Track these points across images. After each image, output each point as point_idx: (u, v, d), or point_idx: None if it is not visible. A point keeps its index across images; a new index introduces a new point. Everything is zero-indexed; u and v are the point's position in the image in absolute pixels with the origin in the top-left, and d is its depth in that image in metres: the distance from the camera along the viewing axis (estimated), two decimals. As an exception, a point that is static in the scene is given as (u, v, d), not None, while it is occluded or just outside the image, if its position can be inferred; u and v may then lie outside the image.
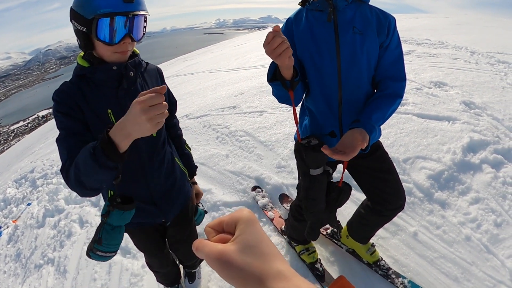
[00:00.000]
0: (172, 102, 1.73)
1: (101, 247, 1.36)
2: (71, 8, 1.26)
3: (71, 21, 1.27)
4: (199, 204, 2.03)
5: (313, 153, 1.52)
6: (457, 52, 7.14)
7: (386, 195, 1.82)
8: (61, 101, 1.29)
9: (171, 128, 1.79)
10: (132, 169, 1.47)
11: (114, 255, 1.43)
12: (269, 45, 1.20)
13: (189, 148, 1.93)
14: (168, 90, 1.65)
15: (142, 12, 1.27)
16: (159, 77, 1.60)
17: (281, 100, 1.59)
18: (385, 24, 1.49)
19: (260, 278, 0.43)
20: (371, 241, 2.28)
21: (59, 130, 1.29)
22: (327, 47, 1.50)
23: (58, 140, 1.26)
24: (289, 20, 1.62)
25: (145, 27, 1.35)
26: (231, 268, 0.44)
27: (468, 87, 4.81)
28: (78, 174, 1.12)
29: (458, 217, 2.57)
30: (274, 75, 1.46)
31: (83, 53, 1.34)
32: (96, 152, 1.03)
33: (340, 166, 1.91)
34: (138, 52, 1.49)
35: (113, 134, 1.03)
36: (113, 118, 1.35)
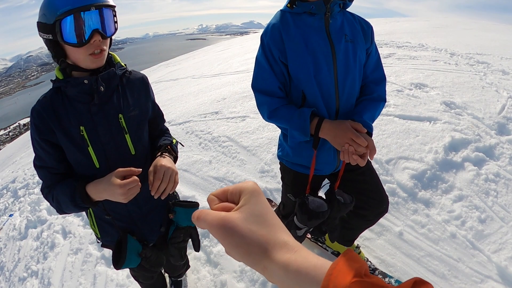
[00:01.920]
0: (159, 115, 1.62)
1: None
2: (37, 22, 1.19)
3: (39, 34, 1.20)
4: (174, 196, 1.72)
5: (305, 215, 1.58)
6: (437, 54, 7.26)
7: (368, 200, 1.82)
8: (35, 125, 1.28)
9: (157, 138, 1.60)
10: None
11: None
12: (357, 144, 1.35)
13: (174, 140, 1.63)
14: (154, 102, 1.56)
15: (106, 3, 1.17)
16: (143, 87, 1.47)
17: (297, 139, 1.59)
18: (368, 31, 1.52)
19: (265, 247, 0.42)
20: (356, 243, 2.29)
21: (34, 153, 1.35)
22: (324, 57, 1.43)
23: (35, 166, 1.37)
24: (275, 26, 1.46)
25: (116, 22, 1.26)
26: (235, 235, 0.43)
27: (448, 88, 4.90)
28: (59, 207, 1.33)
29: (443, 215, 2.61)
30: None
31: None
32: (75, 199, 1.25)
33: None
34: (118, 60, 1.39)
35: (90, 191, 1.26)
36: (86, 135, 1.29)
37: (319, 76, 1.45)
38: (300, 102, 1.52)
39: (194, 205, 1.58)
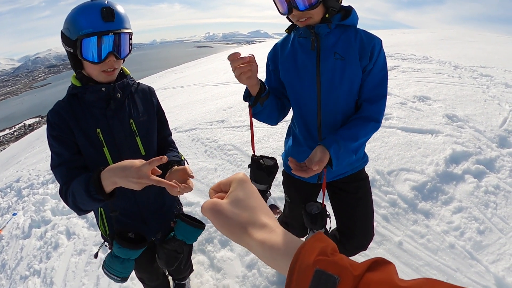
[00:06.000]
0: (161, 121, 1.68)
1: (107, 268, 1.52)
2: (61, 31, 1.33)
3: (62, 43, 1.34)
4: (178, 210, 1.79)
5: (257, 170, 1.63)
6: (441, 67, 7.30)
7: (354, 228, 1.84)
8: (54, 123, 1.36)
9: (162, 147, 1.69)
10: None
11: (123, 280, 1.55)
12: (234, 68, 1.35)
13: (182, 156, 1.69)
14: (159, 109, 1.66)
15: (124, 30, 1.32)
16: (149, 95, 1.61)
17: (259, 119, 1.66)
18: (368, 48, 1.47)
19: (245, 227, 0.50)
20: None
21: (51, 154, 1.38)
22: (308, 74, 1.53)
23: (52, 168, 1.39)
24: (276, 46, 1.68)
25: (131, 44, 1.40)
26: (220, 217, 0.52)
27: (451, 101, 4.94)
28: (75, 201, 1.29)
29: (442, 226, 2.65)
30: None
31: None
32: (90, 189, 1.19)
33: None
34: (129, 72, 1.55)
35: (103, 177, 1.17)
36: (102, 137, 1.41)
37: (301, 90, 1.57)
38: (283, 109, 1.69)
39: (196, 226, 1.62)
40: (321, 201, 1.69)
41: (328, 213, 1.66)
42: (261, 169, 1.61)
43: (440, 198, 2.93)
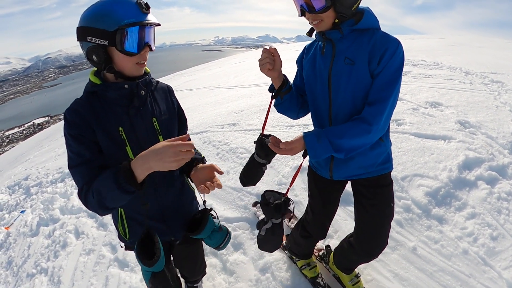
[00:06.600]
0: (181, 120, 1.70)
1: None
2: (82, 27, 1.25)
3: (85, 39, 1.26)
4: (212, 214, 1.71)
5: (260, 147, 1.65)
6: (452, 73, 7.27)
7: (363, 232, 1.84)
8: (72, 122, 1.29)
9: None
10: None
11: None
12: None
13: (202, 154, 1.72)
14: (179, 108, 1.67)
15: (156, 22, 1.31)
16: (169, 94, 1.61)
17: (278, 110, 1.82)
18: (378, 52, 1.42)
19: None
20: (357, 271, 2.27)
21: (69, 153, 1.32)
22: (322, 77, 1.59)
23: (70, 168, 1.32)
24: (304, 48, 1.79)
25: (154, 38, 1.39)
26: None
27: (463, 107, 4.90)
28: (100, 199, 1.21)
29: (455, 231, 2.62)
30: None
31: (95, 69, 1.37)
32: (119, 180, 1.14)
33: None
34: (149, 70, 1.51)
35: (134, 166, 1.14)
36: (124, 135, 1.37)
37: (316, 92, 1.66)
38: (303, 106, 1.83)
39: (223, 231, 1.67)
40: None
41: (289, 203, 1.68)
42: (263, 147, 1.62)
43: (454, 204, 2.89)
